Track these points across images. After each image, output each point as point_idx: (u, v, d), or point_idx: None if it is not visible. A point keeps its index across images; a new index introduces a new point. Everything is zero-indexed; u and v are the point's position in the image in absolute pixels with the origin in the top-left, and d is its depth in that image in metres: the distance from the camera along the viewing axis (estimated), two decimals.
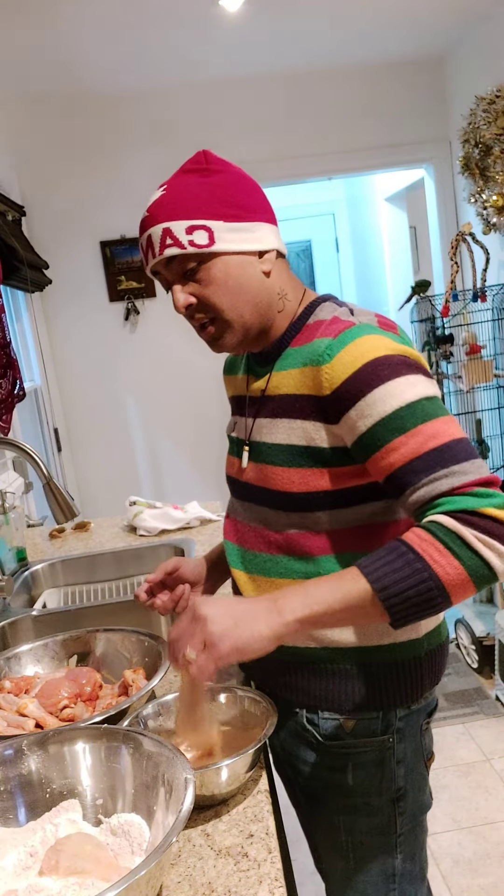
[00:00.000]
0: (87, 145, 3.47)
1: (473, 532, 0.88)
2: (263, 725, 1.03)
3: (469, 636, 3.14)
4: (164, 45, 2.94)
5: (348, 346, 0.99)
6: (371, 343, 0.98)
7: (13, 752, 0.92)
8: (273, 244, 1.08)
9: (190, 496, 2.64)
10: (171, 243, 1.02)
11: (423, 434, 0.94)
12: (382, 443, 0.95)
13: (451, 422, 0.96)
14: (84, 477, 3.67)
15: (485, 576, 0.89)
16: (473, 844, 2.21)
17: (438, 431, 0.94)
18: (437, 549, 0.88)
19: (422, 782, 1.15)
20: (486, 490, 0.91)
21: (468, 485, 0.91)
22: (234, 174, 1.07)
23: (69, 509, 1.55)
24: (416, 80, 3.60)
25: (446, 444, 0.93)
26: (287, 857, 1.30)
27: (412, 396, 0.95)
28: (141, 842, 0.83)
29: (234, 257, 1.04)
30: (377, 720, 1.09)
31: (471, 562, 0.88)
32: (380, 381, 0.96)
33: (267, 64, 3.33)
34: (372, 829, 1.12)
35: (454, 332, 3.35)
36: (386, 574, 0.89)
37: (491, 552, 0.88)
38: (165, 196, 1.04)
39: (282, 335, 1.11)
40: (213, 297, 1.05)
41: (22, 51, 2.78)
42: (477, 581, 0.89)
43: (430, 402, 0.96)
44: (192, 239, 1.02)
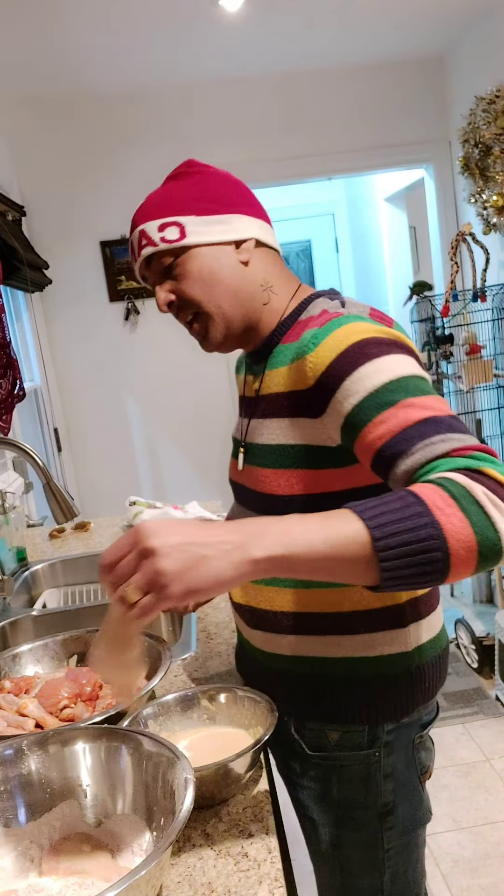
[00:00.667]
0: (87, 145, 3.47)
1: (483, 489, 0.75)
2: (263, 725, 1.03)
3: (469, 636, 3.14)
4: (165, 45, 2.94)
5: (332, 333, 0.95)
6: (357, 326, 0.95)
7: (13, 752, 0.92)
8: (250, 233, 1.07)
9: (190, 496, 2.64)
10: (146, 243, 1.05)
11: (415, 406, 0.86)
12: (370, 417, 0.87)
13: (442, 401, 0.89)
14: (84, 477, 3.67)
15: (491, 538, 0.74)
16: (473, 844, 2.21)
17: (430, 405, 0.86)
18: (443, 498, 0.74)
19: (414, 797, 1.11)
20: (485, 455, 0.81)
21: (467, 448, 0.81)
22: (212, 174, 1.08)
23: (69, 509, 1.55)
24: (416, 80, 3.60)
25: (441, 416, 0.85)
26: (287, 857, 1.30)
27: (403, 372, 0.89)
28: (141, 842, 0.83)
29: (208, 249, 1.05)
30: (363, 733, 1.07)
31: (478, 518, 0.74)
32: (367, 357, 0.90)
33: (267, 64, 3.33)
34: (359, 843, 1.10)
35: (454, 332, 3.35)
36: (383, 513, 0.74)
37: (499, 514, 0.75)
38: (144, 202, 1.07)
39: (272, 332, 1.09)
40: (189, 291, 1.05)
41: (22, 51, 2.78)
42: (482, 542, 0.74)
43: (422, 380, 0.90)
44: (164, 235, 1.03)
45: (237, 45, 3.06)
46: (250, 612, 1.12)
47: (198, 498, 2.45)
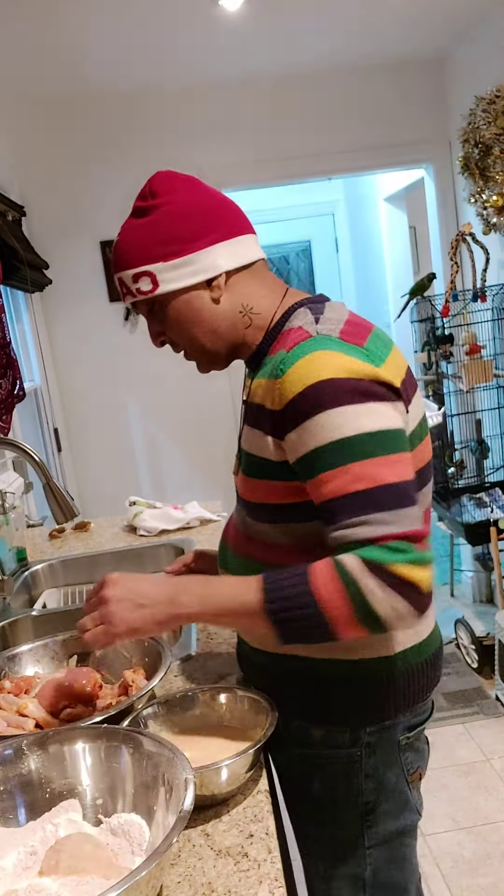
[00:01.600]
0: (87, 145, 3.46)
1: (376, 583, 0.88)
2: (263, 725, 1.03)
3: (469, 636, 3.14)
4: (165, 45, 2.94)
5: (297, 362, 0.97)
6: (319, 361, 0.96)
7: (13, 752, 0.92)
8: (220, 267, 1.06)
9: (190, 496, 2.64)
10: (125, 292, 1.09)
11: (349, 474, 0.92)
12: (313, 473, 0.95)
13: (386, 463, 0.92)
14: (84, 477, 3.67)
15: (374, 624, 0.89)
16: (473, 844, 2.21)
17: (367, 474, 0.91)
18: (335, 589, 0.89)
19: (398, 798, 1.12)
20: (398, 544, 0.89)
21: (384, 537, 0.90)
22: (174, 204, 1.06)
23: (69, 509, 1.55)
24: (416, 80, 3.60)
25: (371, 489, 0.91)
26: (287, 857, 1.30)
27: (350, 430, 0.93)
28: (141, 842, 0.83)
29: (182, 296, 1.07)
30: (345, 733, 1.08)
31: (362, 610, 0.88)
32: (320, 407, 0.94)
33: (267, 63, 3.33)
34: (339, 839, 1.12)
35: (454, 332, 3.35)
36: (280, 597, 0.92)
37: (386, 607, 0.88)
38: (117, 245, 1.09)
39: (260, 344, 1.11)
40: (172, 336, 1.12)
41: (22, 51, 2.78)
42: (365, 626, 0.90)
43: (371, 437, 0.93)
44: (139, 287, 1.07)
45: (237, 44, 3.06)
46: None
47: (198, 498, 2.44)
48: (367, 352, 1.00)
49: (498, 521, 3.01)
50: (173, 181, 1.09)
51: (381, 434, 0.94)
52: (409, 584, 0.88)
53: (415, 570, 0.89)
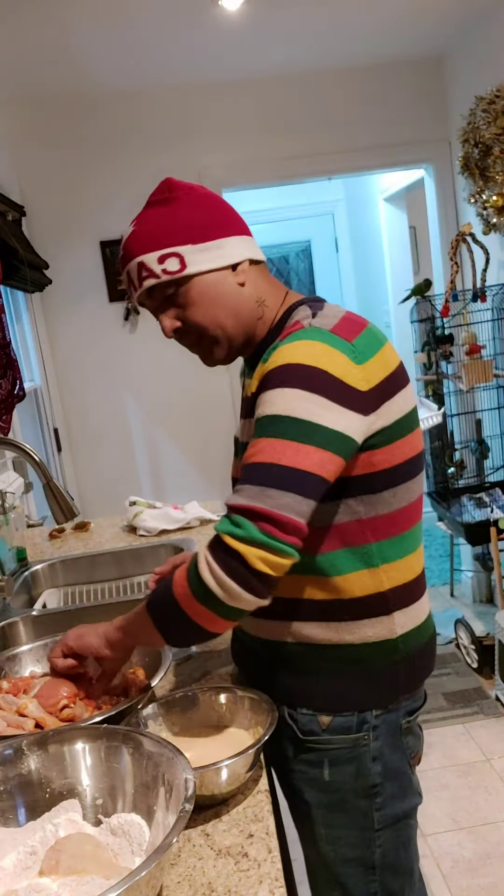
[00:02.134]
0: (87, 145, 3.46)
1: (206, 554, 0.94)
2: (263, 725, 1.03)
3: (469, 636, 3.14)
4: (165, 45, 2.94)
5: (282, 347, 1.03)
6: (297, 349, 1.01)
7: (13, 752, 0.92)
8: (244, 254, 1.11)
9: (190, 496, 2.64)
10: (147, 275, 1.08)
11: (257, 447, 0.97)
12: (249, 440, 1.03)
13: (292, 448, 0.94)
14: (84, 477, 3.67)
15: (208, 598, 0.94)
16: (473, 844, 2.21)
17: (267, 450, 0.95)
18: (182, 569, 0.98)
19: (403, 780, 1.16)
20: (239, 518, 0.93)
21: (235, 507, 0.94)
22: (195, 196, 1.11)
23: (69, 509, 1.55)
24: (416, 80, 3.60)
25: (259, 463, 0.95)
26: (287, 857, 1.30)
27: (281, 410, 0.97)
28: (141, 842, 0.83)
29: (208, 276, 1.09)
30: (352, 718, 1.11)
31: (193, 582, 0.95)
32: (276, 384, 0.99)
33: (267, 63, 3.33)
34: (348, 823, 1.14)
35: (454, 332, 3.35)
36: (154, 592, 1.02)
37: (211, 577, 0.93)
38: (134, 232, 1.10)
39: (263, 339, 1.15)
40: (194, 317, 1.10)
41: (22, 51, 2.78)
42: (201, 600, 0.94)
43: (294, 422, 0.96)
44: (165, 267, 1.07)
45: (237, 44, 3.06)
46: None
47: (198, 498, 2.44)
48: (353, 347, 1.02)
49: (498, 521, 3.01)
50: (185, 183, 1.13)
51: (306, 423, 0.96)
52: (236, 556, 0.92)
53: (244, 545, 0.91)
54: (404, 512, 1.10)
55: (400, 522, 1.10)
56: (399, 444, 1.07)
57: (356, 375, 1.00)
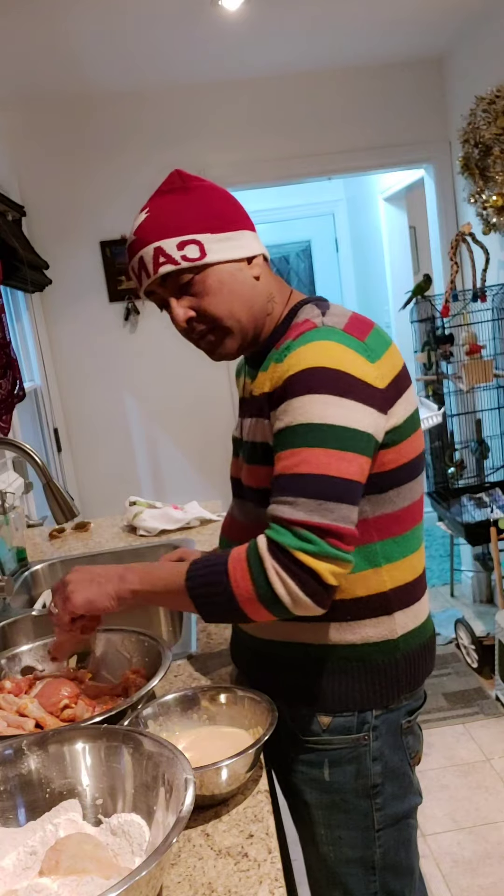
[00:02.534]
0: (87, 145, 3.46)
1: (275, 565, 0.95)
2: (263, 725, 1.03)
3: (469, 636, 3.14)
4: (165, 45, 2.94)
5: (299, 348, 1.02)
6: (317, 350, 1.00)
7: (13, 752, 0.92)
8: (258, 249, 1.11)
9: (190, 496, 2.64)
10: (165, 261, 1.06)
11: (298, 457, 0.97)
12: (278, 449, 1.01)
13: (336, 457, 0.96)
14: (84, 477, 3.67)
15: (274, 605, 0.96)
16: (473, 844, 2.21)
17: (313, 460, 0.96)
18: (242, 570, 0.97)
19: (403, 780, 1.16)
20: (307, 534, 0.94)
21: (297, 522, 0.95)
22: (211, 188, 1.11)
23: (69, 509, 1.55)
24: (416, 80, 3.60)
25: (309, 474, 0.96)
26: (287, 857, 1.30)
27: (315, 418, 0.97)
28: (141, 842, 0.83)
29: (226, 266, 1.08)
30: (352, 718, 1.11)
31: (262, 589, 0.96)
32: (303, 390, 0.99)
33: (267, 63, 3.33)
34: (349, 824, 1.14)
35: (454, 332, 3.35)
36: (199, 576, 1.02)
37: (284, 590, 0.94)
38: (150, 217, 1.07)
39: (268, 337, 1.14)
40: (210, 307, 1.08)
41: (22, 51, 2.78)
42: (267, 605, 0.97)
43: (331, 429, 0.97)
44: (185, 254, 1.05)
45: (237, 44, 3.06)
46: None
47: (198, 498, 2.44)
48: (366, 346, 1.03)
49: (498, 521, 3.01)
50: (194, 175, 1.13)
51: (343, 430, 0.97)
52: (310, 572, 0.94)
53: (318, 561, 0.94)
54: (408, 511, 1.11)
55: (403, 522, 1.10)
56: (406, 444, 1.08)
57: (372, 374, 1.02)
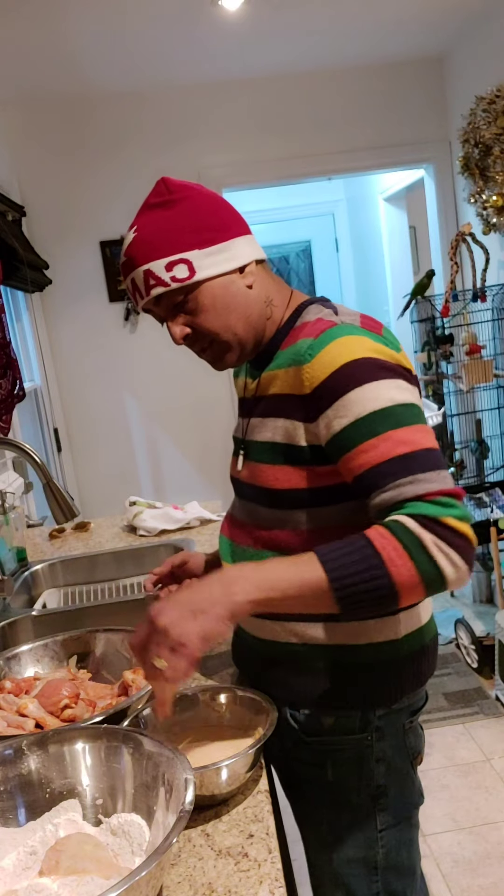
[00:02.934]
0: (86, 145, 3.47)
1: (433, 537, 0.90)
2: (263, 725, 1.03)
3: (469, 636, 3.14)
4: (165, 45, 2.94)
5: (328, 346, 1.01)
6: (351, 344, 1.00)
7: (13, 752, 0.92)
8: (250, 256, 1.10)
9: (190, 496, 2.64)
10: (155, 283, 1.05)
11: (393, 439, 0.95)
12: (354, 444, 0.97)
13: (423, 431, 0.97)
14: (84, 477, 3.67)
15: (436, 581, 0.91)
16: (473, 844, 2.21)
17: (409, 438, 0.95)
18: (395, 549, 0.90)
19: (406, 780, 1.16)
20: (448, 499, 0.92)
21: (433, 493, 0.93)
22: (198, 197, 1.08)
23: (69, 509, 1.55)
24: (416, 80, 3.60)
25: (415, 451, 0.95)
26: (287, 857, 1.30)
27: (387, 401, 0.97)
28: (141, 842, 0.83)
29: (217, 280, 1.07)
30: (355, 718, 1.10)
31: (424, 566, 0.90)
32: (357, 382, 0.98)
33: (267, 63, 3.33)
34: (352, 824, 1.14)
35: (454, 332, 3.35)
36: (343, 565, 0.91)
37: (445, 560, 0.90)
38: (138, 237, 1.06)
39: (272, 339, 1.13)
40: (205, 324, 1.08)
41: (22, 51, 2.78)
42: (427, 585, 0.91)
43: (405, 408, 0.98)
44: (174, 275, 1.04)
45: (237, 44, 3.06)
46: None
47: (198, 498, 2.45)
48: (384, 339, 1.05)
49: (498, 521, 3.01)
50: (183, 182, 1.11)
51: (411, 406, 0.99)
52: (462, 536, 0.91)
53: (464, 524, 0.92)
54: None
55: None
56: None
57: (403, 361, 1.04)
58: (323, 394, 1.00)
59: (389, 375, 0.99)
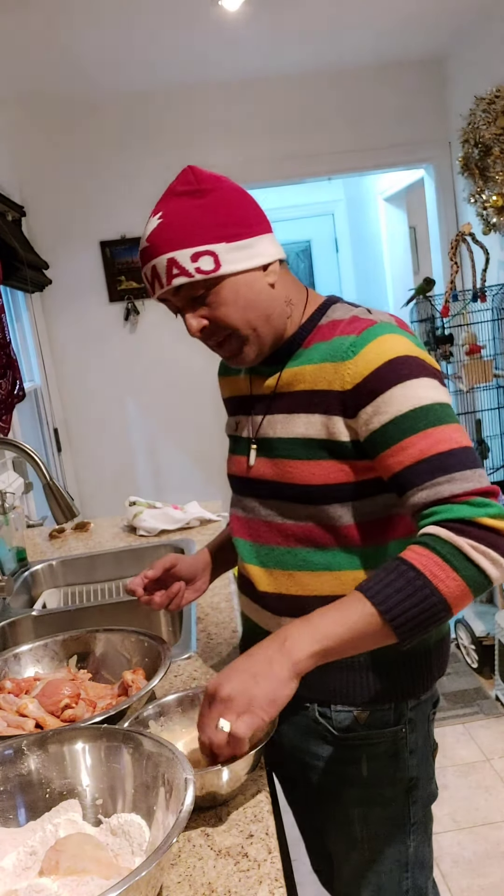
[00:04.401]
0: (87, 145, 3.47)
1: (469, 542, 0.90)
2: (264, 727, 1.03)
3: (469, 636, 3.14)
4: (165, 46, 2.94)
5: (371, 343, 1.01)
6: (393, 342, 1.01)
7: (13, 752, 0.92)
8: (274, 255, 1.08)
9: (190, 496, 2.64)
10: (178, 273, 1.03)
11: (432, 437, 0.96)
12: (393, 441, 0.97)
13: (459, 430, 0.98)
14: (84, 477, 3.67)
15: (482, 584, 0.91)
16: (473, 844, 2.21)
17: (447, 437, 0.96)
18: (437, 564, 0.90)
19: (430, 772, 1.18)
20: (483, 500, 0.93)
21: (468, 493, 0.93)
22: (227, 190, 1.06)
23: (69, 509, 1.55)
24: (415, 80, 3.60)
25: (453, 450, 0.95)
26: (287, 857, 1.30)
27: (427, 400, 0.97)
28: (141, 842, 0.83)
29: (242, 276, 1.05)
30: (390, 711, 1.11)
31: (468, 572, 0.90)
32: (399, 379, 0.98)
33: (267, 64, 3.33)
34: (386, 819, 1.14)
35: (454, 332, 3.35)
36: (390, 596, 0.90)
37: (487, 560, 0.90)
38: (164, 224, 1.03)
39: (292, 337, 1.12)
40: (226, 318, 1.06)
41: (23, 52, 2.78)
42: (475, 589, 0.91)
43: (443, 407, 0.99)
44: (199, 266, 1.02)
45: (237, 45, 3.06)
46: (279, 599, 1.13)
47: (198, 498, 2.44)
48: (416, 339, 1.07)
49: None
50: (212, 173, 1.08)
51: (447, 406, 1.00)
52: (499, 533, 0.92)
53: (500, 521, 0.92)
54: None
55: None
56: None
57: (434, 362, 1.05)
58: (364, 390, 1.00)
59: (429, 374, 1.00)
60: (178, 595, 1.27)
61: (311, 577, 1.09)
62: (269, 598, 1.15)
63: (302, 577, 1.10)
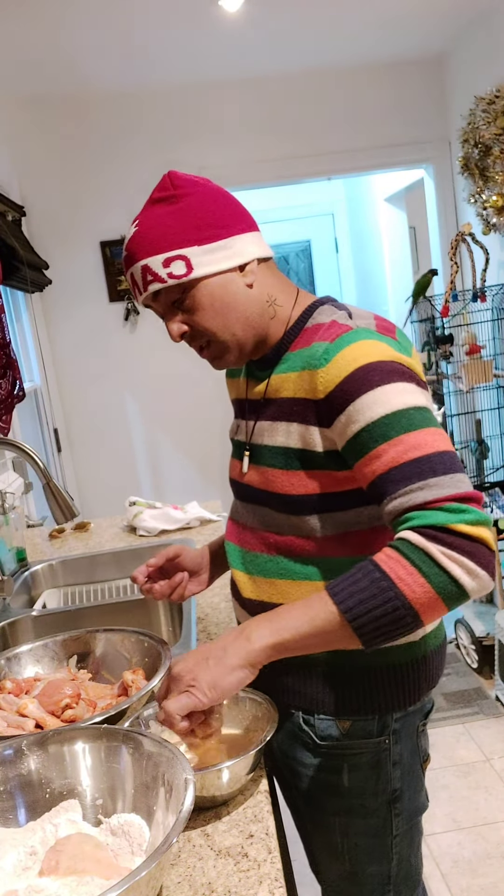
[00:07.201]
0: (86, 145, 3.47)
1: (440, 548, 0.87)
2: (264, 727, 1.03)
3: (469, 636, 3.14)
4: (164, 45, 2.94)
5: (343, 350, 0.99)
6: (365, 348, 0.98)
7: (13, 752, 0.92)
8: (252, 254, 1.07)
9: (190, 496, 2.64)
10: (152, 279, 1.04)
11: (404, 444, 0.93)
12: (366, 450, 0.95)
13: (436, 433, 0.95)
14: (84, 477, 3.67)
15: (453, 593, 0.87)
16: (473, 844, 2.21)
17: (421, 442, 0.93)
18: (404, 568, 0.88)
19: (418, 784, 1.15)
20: (458, 505, 0.89)
21: (442, 499, 0.90)
22: (201, 193, 1.06)
23: (69, 509, 1.55)
24: (415, 80, 3.60)
25: (426, 455, 0.92)
26: (287, 857, 1.30)
27: (399, 404, 0.95)
28: (141, 842, 0.83)
29: (216, 278, 1.05)
30: (373, 722, 1.09)
31: (438, 579, 0.87)
32: (369, 386, 0.96)
33: (267, 64, 3.33)
34: (367, 830, 1.12)
35: (454, 332, 3.35)
36: (352, 594, 0.89)
37: (459, 568, 0.87)
38: (138, 232, 1.05)
39: (280, 340, 1.11)
40: (203, 322, 1.06)
41: (22, 51, 2.78)
42: (446, 598, 0.88)
43: (418, 411, 0.95)
44: (171, 271, 1.03)
45: (237, 45, 3.06)
46: (261, 606, 1.12)
47: (198, 498, 2.45)
48: (399, 344, 1.03)
49: (498, 521, 3.01)
50: (189, 177, 1.09)
51: (423, 410, 0.96)
52: (476, 541, 0.88)
53: (479, 528, 0.88)
54: None
55: None
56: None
57: (415, 367, 1.02)
58: (336, 399, 0.98)
59: (401, 379, 0.97)
60: (181, 585, 1.27)
61: (292, 586, 1.08)
62: (252, 604, 1.15)
63: (283, 586, 1.09)
